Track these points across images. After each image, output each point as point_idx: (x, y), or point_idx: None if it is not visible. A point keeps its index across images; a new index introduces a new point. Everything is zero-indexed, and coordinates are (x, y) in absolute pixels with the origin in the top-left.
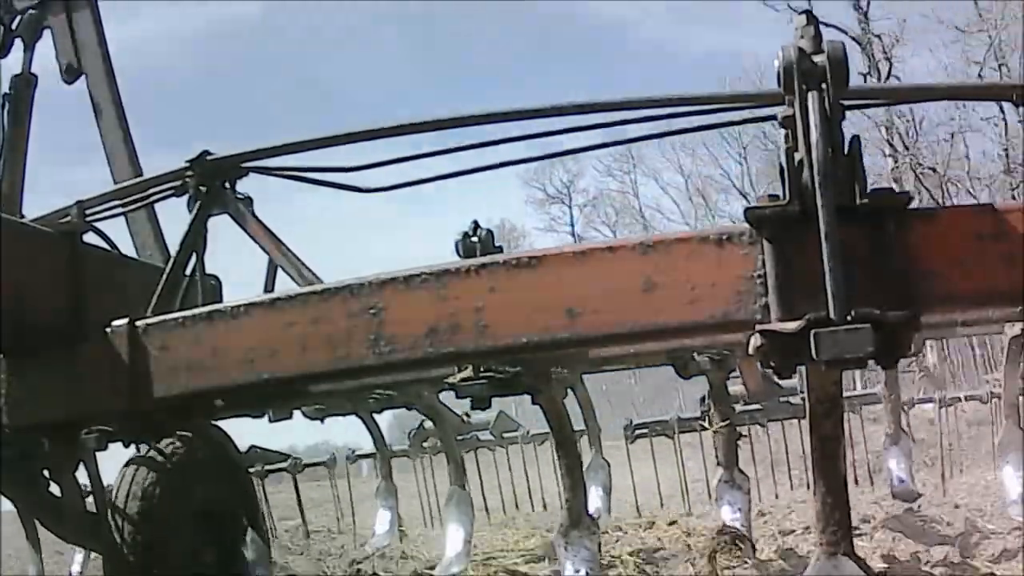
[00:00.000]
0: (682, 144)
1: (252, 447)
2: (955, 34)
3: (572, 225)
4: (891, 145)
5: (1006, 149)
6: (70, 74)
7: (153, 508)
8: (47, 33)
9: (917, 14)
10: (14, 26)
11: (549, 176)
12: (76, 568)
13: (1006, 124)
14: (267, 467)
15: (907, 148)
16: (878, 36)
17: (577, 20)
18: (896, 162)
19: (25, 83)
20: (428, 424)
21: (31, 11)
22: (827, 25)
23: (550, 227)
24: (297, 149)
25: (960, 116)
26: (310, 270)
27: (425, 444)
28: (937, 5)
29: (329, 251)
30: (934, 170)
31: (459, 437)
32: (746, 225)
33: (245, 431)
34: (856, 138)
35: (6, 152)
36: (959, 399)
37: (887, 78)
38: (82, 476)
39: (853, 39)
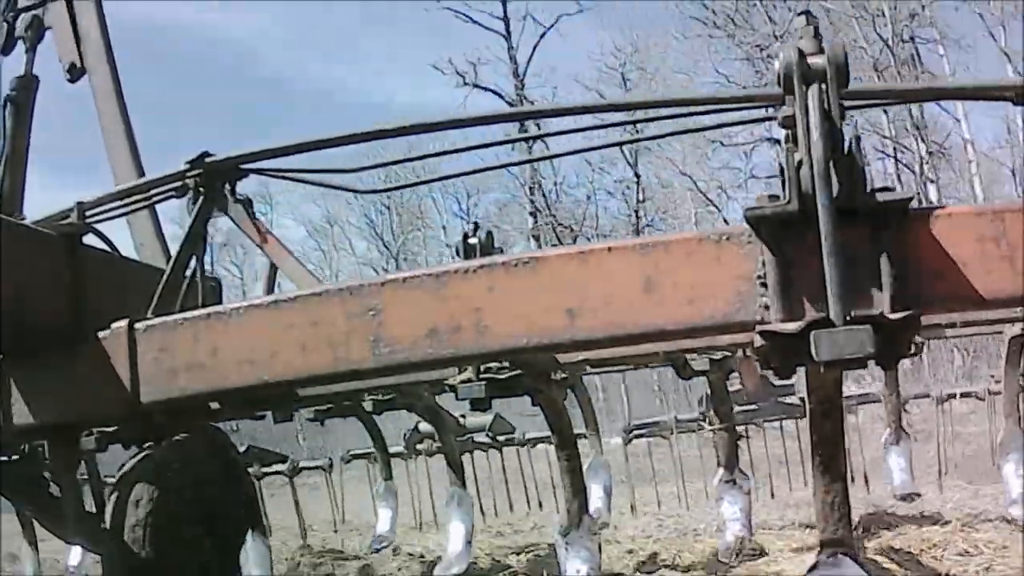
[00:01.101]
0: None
1: (250, 447)
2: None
3: (212, 264)
4: (533, 204)
5: (636, 210)
6: (73, 73)
7: (152, 508)
8: (48, 35)
9: (569, 80)
10: (17, 25)
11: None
12: (73, 561)
13: (638, 185)
14: (263, 469)
15: (548, 208)
16: (531, 102)
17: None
18: (536, 220)
19: (27, 84)
20: (423, 426)
21: (34, 11)
22: (486, 89)
23: None
24: (297, 150)
25: (595, 179)
26: (310, 271)
27: (420, 446)
28: (591, 77)
29: None
30: (571, 228)
31: (456, 439)
32: (746, 225)
33: None
34: (857, 138)
35: (7, 154)
36: (954, 395)
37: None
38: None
39: (508, 103)
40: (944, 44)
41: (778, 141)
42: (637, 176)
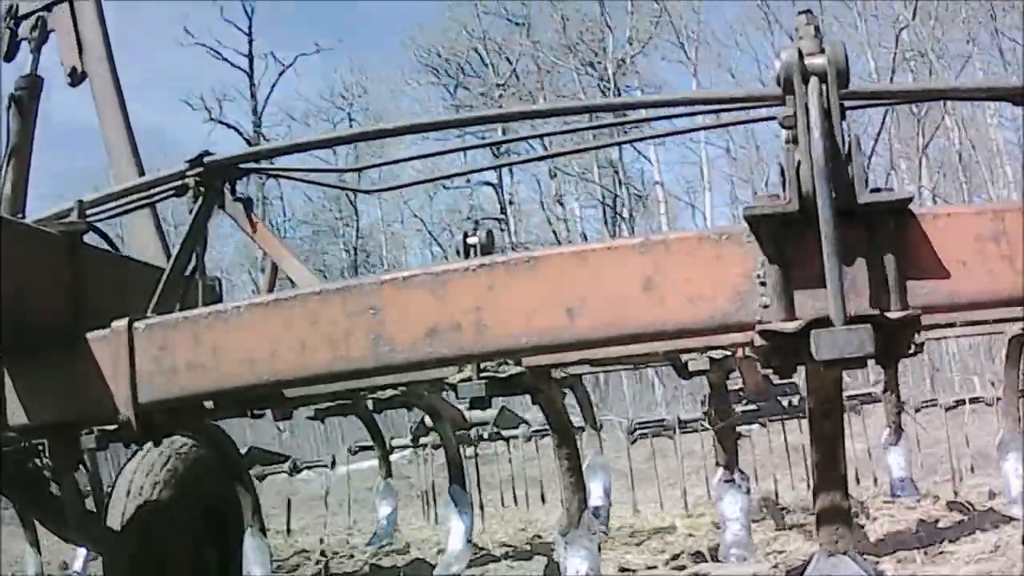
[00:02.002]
0: None
1: (252, 448)
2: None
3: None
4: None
5: (355, 246)
6: (74, 78)
7: (152, 507)
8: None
9: (301, 124)
10: (20, 29)
11: None
12: (77, 566)
13: (357, 223)
14: (265, 469)
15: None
16: (267, 139)
17: None
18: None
19: (31, 85)
20: (428, 420)
21: (37, 14)
22: (228, 126)
23: None
24: (296, 150)
25: (319, 217)
26: (310, 270)
27: (425, 439)
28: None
29: None
30: None
31: (459, 432)
32: (746, 225)
33: None
34: (856, 138)
35: (11, 153)
36: (963, 401)
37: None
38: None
39: (246, 140)
40: (643, 90)
41: (491, 185)
42: (356, 214)
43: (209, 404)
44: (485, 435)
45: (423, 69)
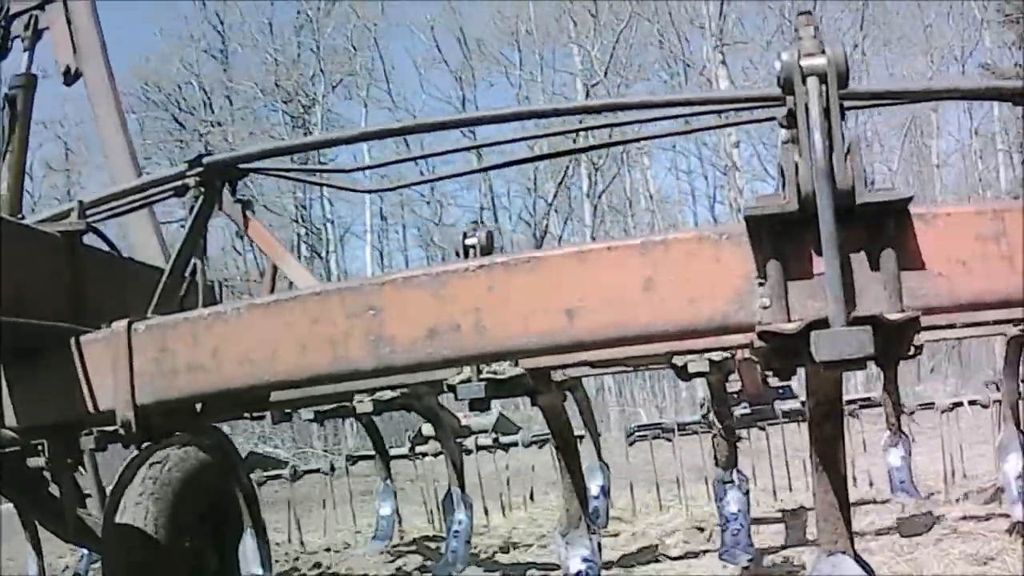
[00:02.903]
0: None
1: (251, 452)
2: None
3: None
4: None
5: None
6: (68, 76)
7: (152, 508)
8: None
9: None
10: (13, 28)
11: None
12: (79, 565)
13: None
14: (264, 474)
15: None
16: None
17: None
18: None
19: (25, 84)
20: (426, 429)
21: (31, 13)
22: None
23: None
24: (296, 150)
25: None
26: (309, 271)
27: (423, 448)
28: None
29: None
30: None
31: (458, 440)
32: (745, 225)
33: None
34: (856, 138)
35: (6, 153)
36: (961, 403)
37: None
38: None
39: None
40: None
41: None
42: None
43: (216, 404)
44: (484, 442)
45: (147, 101)
